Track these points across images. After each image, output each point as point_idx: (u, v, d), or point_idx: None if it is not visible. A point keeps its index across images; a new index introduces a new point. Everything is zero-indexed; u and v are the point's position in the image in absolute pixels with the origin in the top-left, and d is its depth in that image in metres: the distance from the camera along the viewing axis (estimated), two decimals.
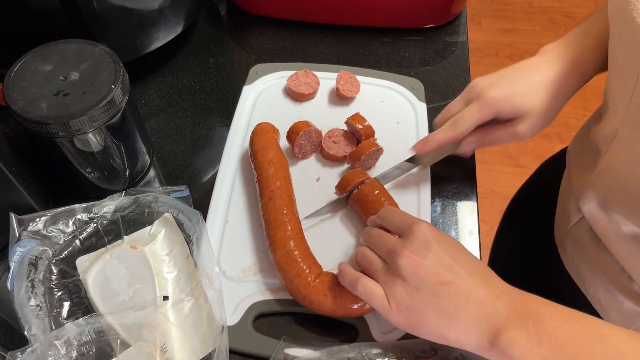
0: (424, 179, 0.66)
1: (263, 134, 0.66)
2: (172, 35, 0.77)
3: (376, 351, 0.51)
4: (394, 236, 0.51)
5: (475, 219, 0.65)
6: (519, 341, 0.42)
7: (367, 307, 0.53)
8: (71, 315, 0.54)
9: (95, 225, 0.60)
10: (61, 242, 0.58)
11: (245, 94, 0.75)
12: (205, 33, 0.88)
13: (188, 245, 0.58)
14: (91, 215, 0.60)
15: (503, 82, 0.58)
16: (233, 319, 0.55)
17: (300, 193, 0.64)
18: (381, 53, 0.84)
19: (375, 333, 0.55)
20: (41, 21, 0.66)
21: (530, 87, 0.57)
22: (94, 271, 0.55)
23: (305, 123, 0.67)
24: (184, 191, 0.63)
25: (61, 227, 0.58)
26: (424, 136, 0.63)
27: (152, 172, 0.71)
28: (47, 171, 0.65)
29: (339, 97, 0.75)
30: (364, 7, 0.83)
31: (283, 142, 0.69)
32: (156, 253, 0.57)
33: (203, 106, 0.78)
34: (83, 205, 0.60)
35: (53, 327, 0.52)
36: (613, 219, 0.55)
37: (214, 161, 0.71)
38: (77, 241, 0.59)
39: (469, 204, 0.66)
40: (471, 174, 0.69)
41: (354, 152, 0.65)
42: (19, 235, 0.56)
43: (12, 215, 0.56)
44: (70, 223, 0.59)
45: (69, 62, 0.59)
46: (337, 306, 0.53)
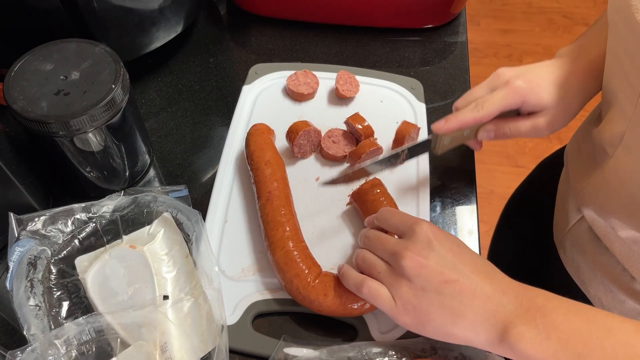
0: (423, 179, 0.66)
1: (259, 135, 0.66)
2: (172, 35, 0.77)
3: (376, 350, 0.51)
4: (393, 237, 0.51)
5: (474, 219, 0.65)
6: (528, 336, 0.42)
7: (367, 307, 0.53)
8: (70, 315, 0.54)
9: (94, 224, 0.60)
10: (60, 242, 0.58)
11: (244, 94, 0.75)
12: (205, 33, 0.88)
13: (187, 244, 0.58)
14: (90, 214, 0.60)
15: (530, 74, 0.58)
16: (232, 319, 0.55)
17: (299, 193, 0.64)
18: (380, 53, 0.84)
19: (374, 332, 0.55)
20: (42, 21, 0.66)
21: (553, 83, 0.57)
22: (93, 271, 0.55)
23: (304, 123, 0.67)
24: (183, 191, 0.63)
25: (60, 227, 0.58)
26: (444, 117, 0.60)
27: (152, 172, 0.71)
28: (47, 171, 0.65)
29: (339, 97, 0.75)
30: (364, 7, 0.83)
31: (280, 142, 0.69)
32: (155, 252, 0.57)
33: (203, 106, 0.78)
34: (82, 205, 0.60)
35: (52, 327, 0.52)
36: (610, 224, 0.55)
37: (214, 161, 0.71)
38: (76, 241, 0.59)
39: (469, 204, 0.67)
40: (471, 174, 0.69)
41: (354, 151, 0.65)
42: (18, 234, 0.56)
43: (11, 214, 0.56)
44: (69, 223, 0.59)
45: (70, 62, 0.59)
46: (337, 306, 0.53)
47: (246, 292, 0.57)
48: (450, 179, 0.69)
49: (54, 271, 0.56)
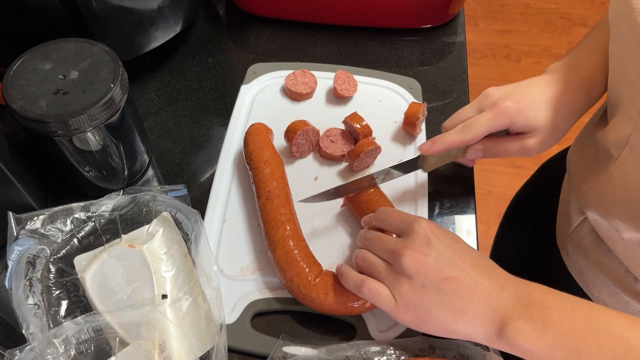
0: (422, 179, 0.66)
1: (257, 135, 0.66)
2: (171, 34, 0.77)
3: (374, 349, 0.51)
4: (392, 236, 0.51)
5: (473, 219, 0.65)
6: (526, 331, 0.43)
7: (368, 306, 0.53)
8: (69, 314, 0.54)
9: (93, 224, 0.60)
10: (59, 241, 0.58)
11: (243, 94, 0.75)
12: (203, 33, 0.88)
13: (186, 243, 0.58)
14: (89, 214, 0.60)
15: (518, 95, 0.57)
16: (231, 317, 0.55)
17: (298, 192, 0.64)
18: (379, 53, 0.84)
19: (373, 331, 0.55)
20: (41, 20, 0.66)
21: (541, 103, 0.57)
22: (92, 270, 0.55)
23: (302, 122, 0.67)
24: (182, 190, 0.63)
25: (59, 226, 0.58)
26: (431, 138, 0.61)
27: (151, 171, 0.71)
28: (46, 170, 0.65)
29: (337, 97, 0.75)
30: (362, 7, 0.84)
31: (278, 142, 0.69)
32: (154, 252, 0.57)
33: (201, 105, 0.78)
34: (81, 204, 0.60)
35: (51, 326, 0.52)
36: (614, 226, 0.55)
37: (212, 160, 0.71)
38: (75, 240, 0.59)
39: (467, 204, 0.67)
40: (469, 174, 0.69)
41: (353, 150, 0.66)
42: (17, 233, 0.56)
43: (10, 213, 0.56)
44: (68, 222, 0.59)
45: (68, 61, 0.59)
46: (338, 304, 0.53)
47: (245, 291, 0.57)
48: (448, 180, 0.69)
49: (53, 270, 0.56)
